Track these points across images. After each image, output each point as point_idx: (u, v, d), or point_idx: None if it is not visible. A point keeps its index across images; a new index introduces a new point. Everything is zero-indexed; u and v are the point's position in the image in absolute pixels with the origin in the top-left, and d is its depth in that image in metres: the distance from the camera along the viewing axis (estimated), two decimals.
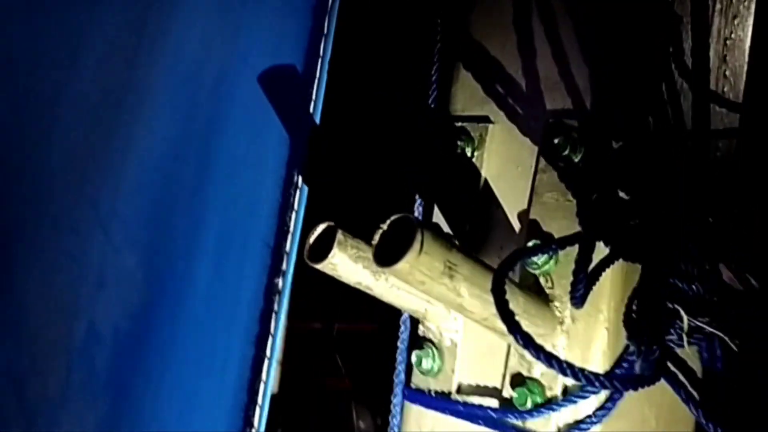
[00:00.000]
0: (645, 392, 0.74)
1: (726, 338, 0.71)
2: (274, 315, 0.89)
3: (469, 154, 0.80)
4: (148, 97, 1.28)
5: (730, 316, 0.72)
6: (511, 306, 0.62)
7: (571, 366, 0.59)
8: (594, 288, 0.68)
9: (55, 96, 1.54)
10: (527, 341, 0.58)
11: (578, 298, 0.64)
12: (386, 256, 0.59)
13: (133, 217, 1.26)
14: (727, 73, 0.79)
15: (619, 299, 0.70)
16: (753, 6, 0.82)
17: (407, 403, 0.83)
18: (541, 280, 0.73)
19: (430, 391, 0.81)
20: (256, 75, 1.10)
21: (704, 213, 0.72)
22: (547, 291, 0.72)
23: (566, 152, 0.71)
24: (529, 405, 0.71)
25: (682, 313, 0.70)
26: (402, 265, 0.58)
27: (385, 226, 0.61)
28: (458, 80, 0.83)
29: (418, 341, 0.82)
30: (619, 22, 0.75)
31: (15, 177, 1.62)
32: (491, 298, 0.62)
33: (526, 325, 0.67)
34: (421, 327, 0.82)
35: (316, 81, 0.94)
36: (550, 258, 0.71)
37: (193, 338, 1.04)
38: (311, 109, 0.95)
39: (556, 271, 0.71)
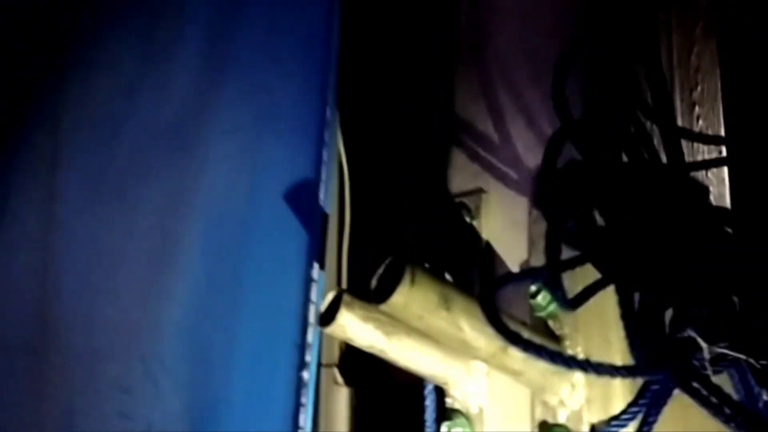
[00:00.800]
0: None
1: (751, 360, 0.70)
2: (302, 408, 0.91)
3: (468, 221, 0.84)
4: (184, 244, 1.39)
5: (751, 336, 0.71)
6: None
7: (573, 359, 0.59)
8: (600, 320, 0.69)
9: (115, 261, 1.68)
10: (526, 344, 0.58)
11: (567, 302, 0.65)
12: (383, 295, 0.62)
13: (175, 360, 1.32)
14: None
15: None
16: None
17: None
18: (550, 323, 0.74)
19: None
20: (277, 200, 1.18)
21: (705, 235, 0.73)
22: (558, 333, 0.73)
23: None
24: None
25: (699, 340, 0.70)
26: (396, 297, 0.61)
27: (380, 270, 0.64)
28: (451, 161, 0.90)
29: (446, 413, 0.81)
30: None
31: (76, 340, 1.73)
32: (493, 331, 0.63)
33: (537, 362, 0.67)
34: (447, 399, 0.82)
35: (323, 185, 1.02)
36: (548, 296, 0.72)
37: None
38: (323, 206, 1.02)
39: (561, 310, 0.72)
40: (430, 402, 0.83)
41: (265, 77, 1.29)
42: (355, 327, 0.72)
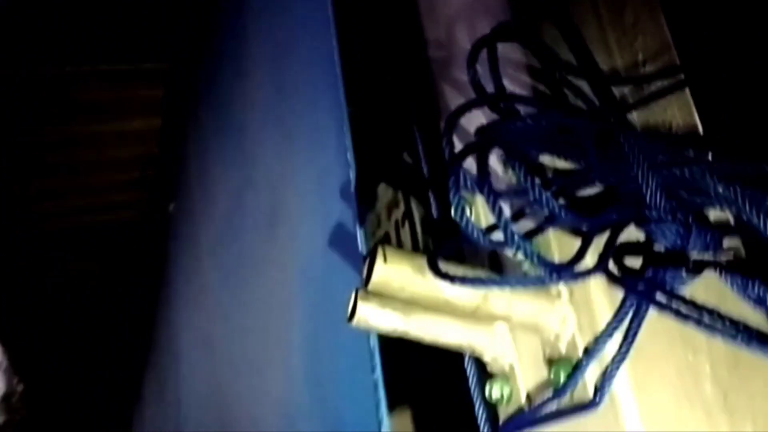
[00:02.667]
0: (683, 339, 0.78)
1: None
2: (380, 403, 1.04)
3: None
4: (292, 308, 1.61)
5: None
6: None
7: (493, 278, 0.68)
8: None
9: (250, 337, 1.95)
10: (447, 276, 0.68)
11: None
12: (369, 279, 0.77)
13: (307, 406, 1.52)
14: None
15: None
16: None
17: None
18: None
19: (509, 418, 0.88)
20: (344, 250, 1.35)
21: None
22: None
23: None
24: (562, 378, 0.78)
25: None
26: (375, 277, 0.75)
27: (368, 263, 0.79)
28: None
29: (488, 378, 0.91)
30: None
31: (244, 421, 2.01)
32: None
33: (520, 302, 0.78)
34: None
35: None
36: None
37: None
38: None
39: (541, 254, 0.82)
40: (470, 369, 0.94)
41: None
42: (375, 315, 0.85)
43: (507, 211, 0.80)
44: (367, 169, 1.09)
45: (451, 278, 0.68)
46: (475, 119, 0.80)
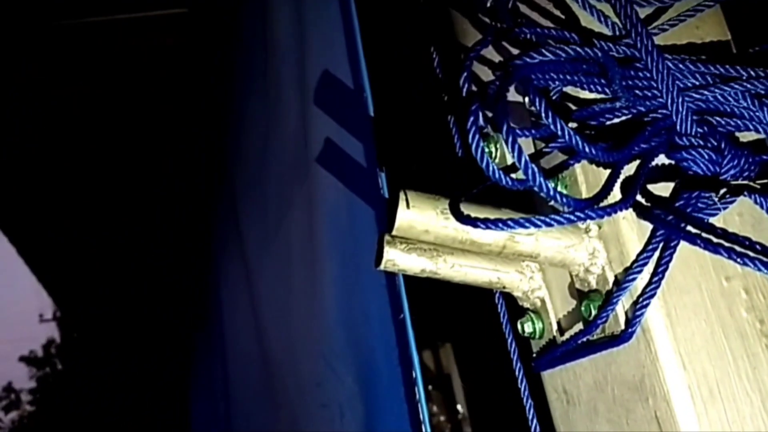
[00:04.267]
0: (716, 265, 0.76)
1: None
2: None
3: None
4: (322, 253, 1.62)
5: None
6: None
7: (524, 219, 0.67)
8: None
9: (286, 286, 1.98)
10: (470, 220, 0.67)
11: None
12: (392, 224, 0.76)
13: (342, 348, 1.56)
14: None
15: None
16: None
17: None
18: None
19: (542, 351, 0.89)
20: (369, 196, 1.34)
21: None
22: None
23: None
24: (593, 312, 0.77)
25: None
26: (399, 222, 0.75)
27: (390, 207, 0.78)
28: None
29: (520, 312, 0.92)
30: None
31: (285, 364, 2.07)
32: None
33: (548, 239, 0.77)
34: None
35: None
36: (557, 183, 0.80)
37: None
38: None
39: (567, 192, 0.80)
40: (500, 307, 0.94)
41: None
42: (402, 259, 0.85)
43: (530, 149, 0.78)
44: (386, 111, 1.08)
45: (473, 222, 0.67)
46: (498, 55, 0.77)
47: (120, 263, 6.02)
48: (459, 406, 4.22)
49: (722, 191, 0.74)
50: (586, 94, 0.78)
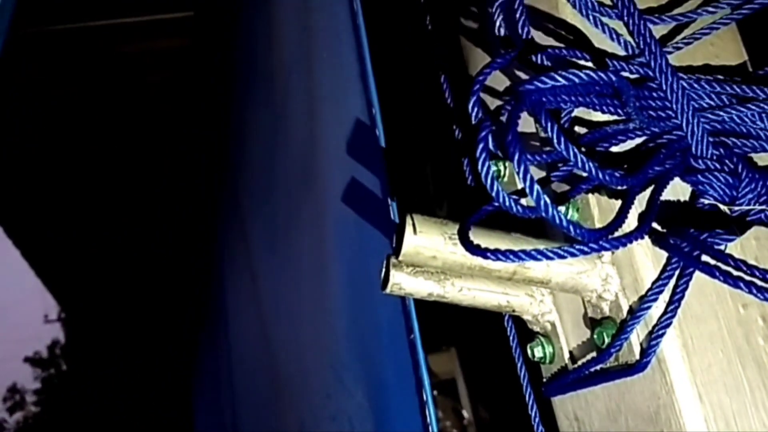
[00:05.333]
0: (732, 292, 0.74)
1: None
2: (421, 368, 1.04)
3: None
4: (329, 258, 1.60)
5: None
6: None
7: (535, 251, 0.65)
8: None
9: (294, 291, 1.96)
10: (478, 250, 0.65)
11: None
12: (399, 249, 0.74)
13: (350, 359, 1.54)
14: None
15: None
16: None
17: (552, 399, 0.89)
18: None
19: (553, 377, 0.86)
20: (376, 200, 1.32)
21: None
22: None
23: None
24: (606, 340, 0.75)
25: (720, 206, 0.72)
26: (405, 248, 0.73)
27: (398, 233, 0.76)
28: None
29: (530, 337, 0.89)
30: None
31: (293, 373, 2.05)
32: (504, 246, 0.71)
33: (560, 264, 0.74)
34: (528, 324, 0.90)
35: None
36: (568, 209, 0.78)
37: None
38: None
39: (579, 218, 0.78)
40: (510, 330, 0.92)
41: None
42: (408, 282, 0.83)
43: (540, 174, 0.76)
44: (395, 110, 1.05)
45: (483, 253, 0.65)
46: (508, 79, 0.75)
47: (123, 265, 6.02)
48: (464, 412, 4.21)
49: (737, 220, 0.71)
50: (597, 116, 0.76)
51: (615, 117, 0.75)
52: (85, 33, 3.43)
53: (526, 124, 0.81)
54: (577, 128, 0.76)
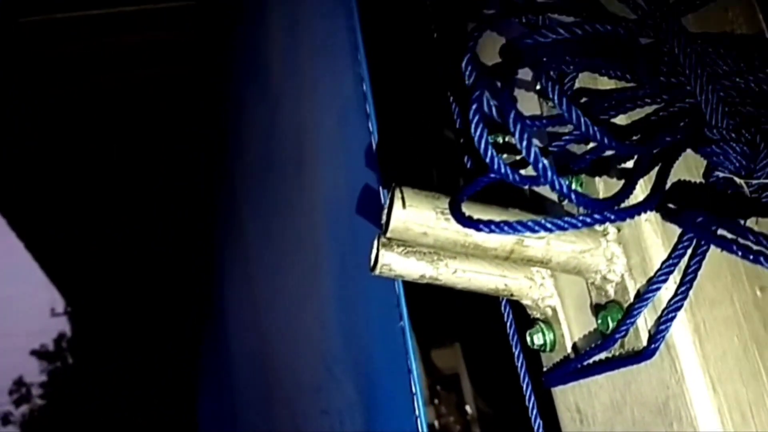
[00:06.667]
0: (749, 273, 0.68)
1: None
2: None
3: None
4: (322, 250, 1.55)
5: None
6: None
7: (534, 222, 0.59)
8: None
9: (285, 282, 1.91)
10: (472, 222, 0.59)
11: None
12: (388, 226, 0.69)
13: (342, 353, 1.49)
14: None
15: None
16: None
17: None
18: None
19: (554, 366, 0.81)
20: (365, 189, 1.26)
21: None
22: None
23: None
24: (611, 325, 0.69)
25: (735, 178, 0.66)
26: (393, 223, 0.67)
27: (386, 208, 0.70)
28: None
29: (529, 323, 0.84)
30: None
31: (284, 370, 1.99)
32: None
33: (561, 242, 0.69)
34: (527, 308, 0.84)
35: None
36: (571, 180, 0.72)
37: None
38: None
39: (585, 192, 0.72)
40: (507, 316, 0.86)
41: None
42: (399, 263, 0.78)
43: (540, 142, 0.70)
44: (387, 99, 1.00)
45: (476, 225, 0.59)
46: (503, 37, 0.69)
47: (127, 258, 5.99)
48: (468, 407, 4.15)
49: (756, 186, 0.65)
50: (604, 83, 0.70)
51: (623, 84, 0.69)
52: (82, 22, 3.38)
53: (530, 102, 0.75)
54: (582, 95, 0.70)
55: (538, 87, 0.63)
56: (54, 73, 3.74)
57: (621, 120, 0.69)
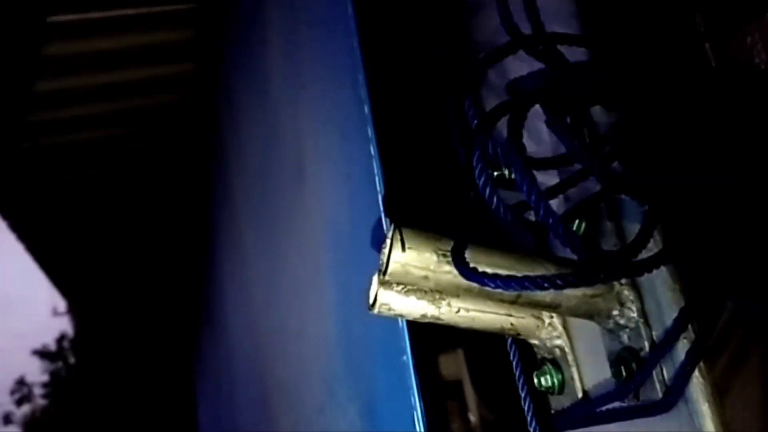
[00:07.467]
0: None
1: None
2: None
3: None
4: (319, 264, 1.51)
5: None
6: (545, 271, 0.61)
7: (540, 277, 0.55)
8: None
9: (284, 299, 1.86)
10: (478, 275, 0.55)
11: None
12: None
13: (342, 373, 1.45)
14: None
15: None
16: None
17: None
18: None
19: (563, 409, 0.76)
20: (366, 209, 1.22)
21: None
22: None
23: None
24: (624, 374, 0.65)
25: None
26: (393, 265, 0.63)
27: (386, 248, 0.66)
28: None
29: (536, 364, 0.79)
30: None
31: (284, 385, 1.94)
32: (506, 269, 0.62)
33: (574, 290, 0.64)
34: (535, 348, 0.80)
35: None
36: (581, 223, 0.68)
37: None
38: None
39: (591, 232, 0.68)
40: (513, 355, 0.82)
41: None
42: (398, 302, 0.73)
43: (550, 182, 0.66)
44: (389, 123, 0.96)
45: (481, 279, 0.55)
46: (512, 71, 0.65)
47: (129, 261, 5.96)
48: (471, 415, 4.11)
49: None
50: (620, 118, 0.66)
51: (645, 116, 0.65)
52: (80, 25, 3.34)
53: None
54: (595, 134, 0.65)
55: (546, 123, 0.59)
56: (54, 73, 3.70)
57: None
